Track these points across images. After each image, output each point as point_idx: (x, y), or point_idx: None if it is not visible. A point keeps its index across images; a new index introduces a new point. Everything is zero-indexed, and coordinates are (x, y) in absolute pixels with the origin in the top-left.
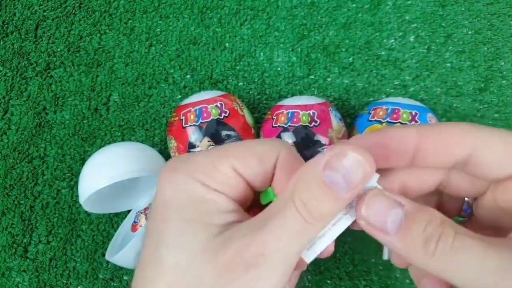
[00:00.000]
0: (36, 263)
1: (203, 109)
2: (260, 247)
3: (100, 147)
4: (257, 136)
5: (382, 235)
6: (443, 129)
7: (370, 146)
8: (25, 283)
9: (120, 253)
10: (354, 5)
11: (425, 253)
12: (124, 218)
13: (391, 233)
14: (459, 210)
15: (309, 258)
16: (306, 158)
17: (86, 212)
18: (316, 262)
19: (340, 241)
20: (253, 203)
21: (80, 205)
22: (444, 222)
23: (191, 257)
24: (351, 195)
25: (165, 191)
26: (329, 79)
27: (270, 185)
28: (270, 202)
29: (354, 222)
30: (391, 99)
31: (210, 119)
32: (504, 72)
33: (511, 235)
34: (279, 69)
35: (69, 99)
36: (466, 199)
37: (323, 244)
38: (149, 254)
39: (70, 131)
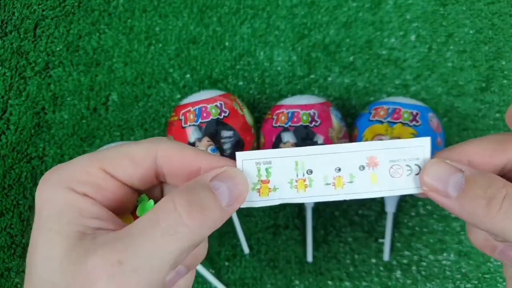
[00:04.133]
0: None
1: (203, 108)
2: (119, 254)
3: (99, 147)
4: (257, 136)
5: (444, 199)
6: (486, 140)
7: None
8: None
9: None
10: (354, 4)
11: (488, 213)
12: None
13: (453, 196)
14: None
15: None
16: None
17: None
18: (316, 263)
19: (340, 241)
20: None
21: None
22: (507, 184)
23: (51, 270)
24: (232, 208)
25: (37, 203)
26: (329, 79)
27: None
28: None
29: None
30: (392, 99)
31: (209, 119)
32: (506, 72)
33: None
34: (279, 68)
35: (68, 98)
36: None
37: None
38: (27, 273)
39: (69, 131)
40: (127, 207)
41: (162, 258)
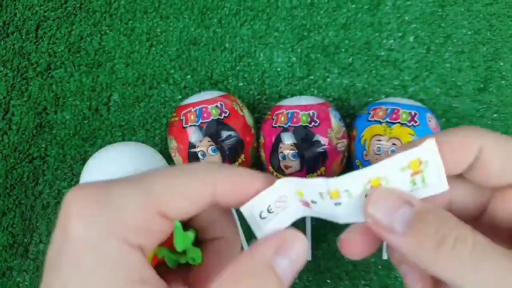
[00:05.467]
0: (37, 263)
1: (203, 109)
2: None
3: (101, 147)
4: (257, 136)
5: (389, 235)
6: (449, 138)
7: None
8: (26, 283)
9: None
10: (353, 5)
11: (437, 256)
12: None
13: (399, 232)
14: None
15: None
16: (306, 158)
17: None
18: (316, 261)
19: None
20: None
21: None
22: (459, 225)
23: None
24: (290, 282)
25: (72, 239)
26: (328, 80)
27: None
28: (185, 250)
29: None
30: (390, 99)
31: (210, 119)
32: (503, 73)
33: None
34: (279, 69)
35: (70, 99)
36: None
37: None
38: None
39: (71, 131)
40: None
41: None
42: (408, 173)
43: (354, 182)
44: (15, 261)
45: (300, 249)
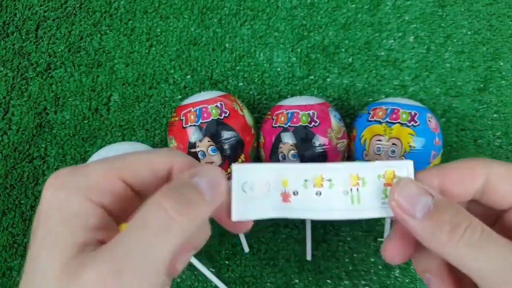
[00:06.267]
0: None
1: (203, 109)
2: (115, 263)
3: (101, 147)
4: (257, 136)
5: (409, 218)
6: (459, 165)
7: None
8: None
9: None
10: (353, 5)
11: (450, 239)
12: None
13: (419, 217)
14: None
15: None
16: (306, 158)
17: None
18: (316, 261)
19: (339, 240)
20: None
21: None
22: (471, 216)
23: (50, 283)
24: (216, 201)
25: (46, 206)
26: (328, 80)
27: None
28: None
29: None
30: (390, 99)
31: (210, 119)
32: (503, 72)
33: None
34: (279, 69)
35: (70, 99)
36: None
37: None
38: (24, 282)
39: (71, 131)
40: (130, 214)
41: (158, 257)
42: (382, 182)
43: (338, 172)
44: (15, 261)
45: (213, 172)
